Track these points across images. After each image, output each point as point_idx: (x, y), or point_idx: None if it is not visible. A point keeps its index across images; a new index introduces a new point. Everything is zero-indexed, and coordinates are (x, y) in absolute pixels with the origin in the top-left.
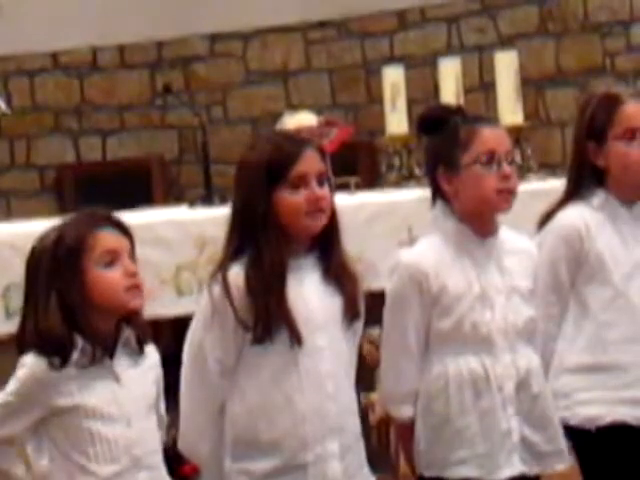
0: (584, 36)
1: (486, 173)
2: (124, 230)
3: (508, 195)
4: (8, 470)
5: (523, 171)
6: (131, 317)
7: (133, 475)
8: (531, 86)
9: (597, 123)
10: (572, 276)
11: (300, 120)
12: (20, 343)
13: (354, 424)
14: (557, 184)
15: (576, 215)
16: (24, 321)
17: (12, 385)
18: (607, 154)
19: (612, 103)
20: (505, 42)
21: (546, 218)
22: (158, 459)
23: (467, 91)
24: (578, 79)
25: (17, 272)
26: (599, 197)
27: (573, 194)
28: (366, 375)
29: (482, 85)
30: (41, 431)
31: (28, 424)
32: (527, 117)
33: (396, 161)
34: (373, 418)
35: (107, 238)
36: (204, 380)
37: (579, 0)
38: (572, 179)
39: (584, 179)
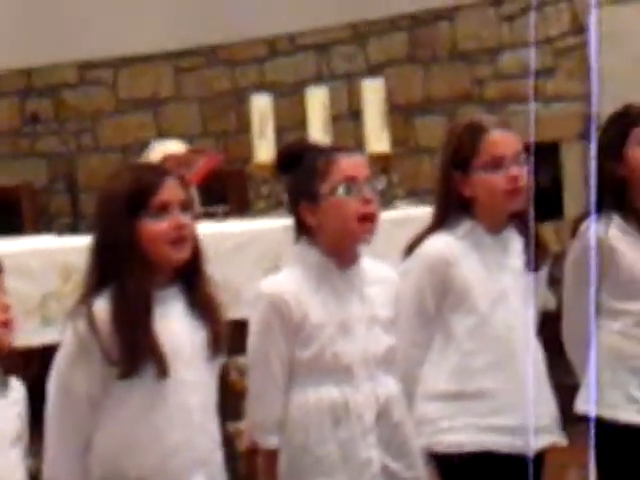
0: (453, 64)
1: (346, 200)
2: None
3: (370, 222)
4: None
5: (389, 198)
6: None
7: None
8: (400, 113)
9: (462, 152)
10: (437, 304)
11: (167, 149)
12: None
13: (219, 456)
14: (425, 212)
15: (442, 244)
16: None
17: None
18: (473, 183)
19: (476, 132)
20: (374, 70)
21: (413, 245)
22: None
23: (335, 119)
24: (447, 107)
25: None
26: (465, 226)
27: (440, 223)
28: (234, 403)
29: (351, 113)
30: None
31: None
32: (396, 144)
33: (264, 189)
34: (241, 446)
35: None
36: (70, 414)
37: (447, 28)
38: (439, 208)
39: (451, 208)
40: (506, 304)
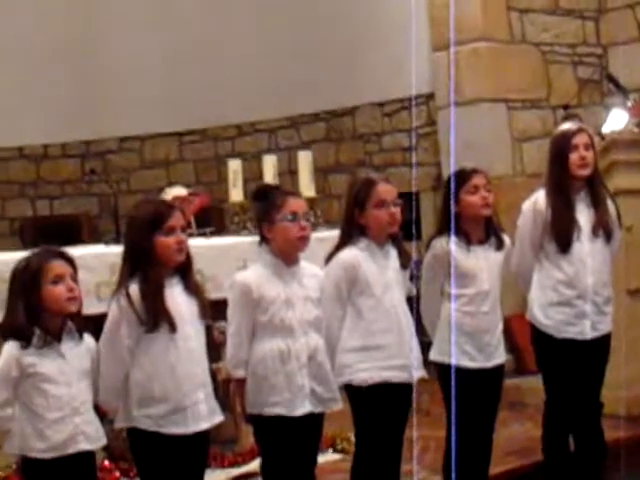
0: (353, 142)
1: (291, 226)
2: (69, 260)
3: (304, 240)
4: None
5: (314, 225)
6: (72, 316)
7: (72, 418)
8: (321, 173)
9: (360, 196)
10: (348, 291)
11: (174, 192)
12: (2, 332)
13: (209, 381)
14: (335, 234)
15: (350, 253)
16: (5, 318)
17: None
18: (366, 216)
19: (369, 184)
20: (305, 145)
21: (330, 255)
22: (89, 407)
23: (280, 175)
24: (349, 169)
25: None
26: (363, 242)
27: (346, 241)
28: (216, 351)
29: (290, 171)
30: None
31: (12, 387)
32: (318, 192)
33: (236, 219)
34: (220, 378)
35: (56, 266)
36: (116, 357)
37: (350, 120)
38: (344, 231)
39: (352, 231)
40: (391, 290)
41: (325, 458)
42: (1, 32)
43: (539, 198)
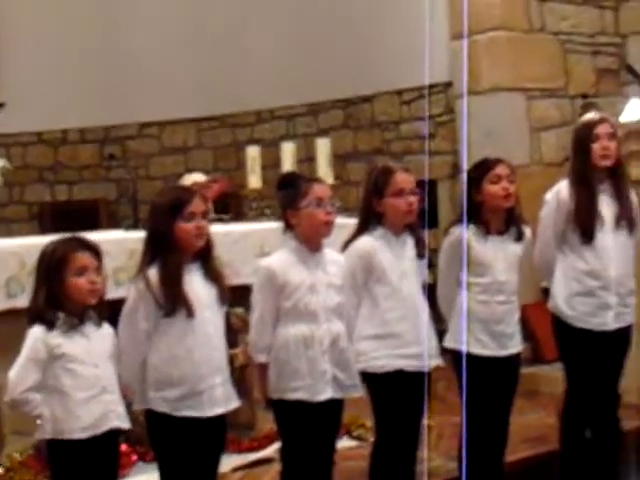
0: (371, 130)
1: (317, 211)
2: (95, 252)
3: (330, 225)
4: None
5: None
6: (92, 305)
7: (101, 397)
8: (339, 160)
9: (378, 185)
10: (365, 279)
11: (194, 178)
12: (28, 317)
13: (226, 366)
14: (352, 221)
15: (366, 241)
16: (30, 302)
17: (26, 347)
18: (384, 205)
19: (387, 172)
20: (323, 133)
21: (347, 243)
22: (116, 388)
23: (299, 163)
24: (367, 156)
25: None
26: (379, 231)
27: (363, 229)
28: (233, 337)
29: (308, 158)
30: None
31: (41, 370)
32: (336, 179)
33: (253, 205)
34: (237, 364)
35: (81, 257)
36: (133, 340)
37: (368, 107)
38: (362, 219)
39: (369, 219)
40: (407, 278)
41: (341, 444)
42: (22, 20)
43: (562, 188)
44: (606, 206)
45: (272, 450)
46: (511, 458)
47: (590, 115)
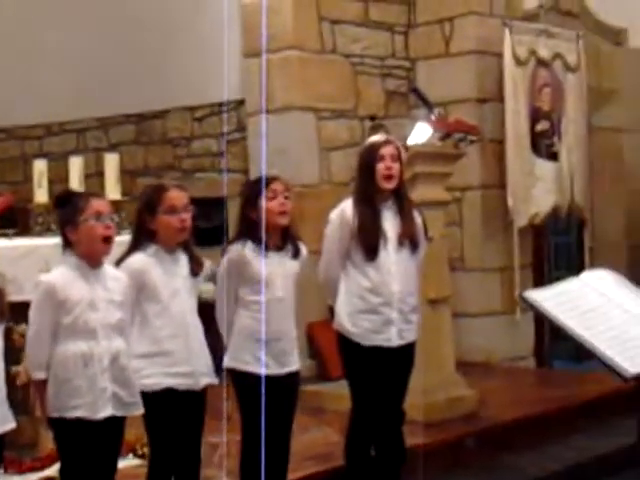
0: (163, 145)
1: (96, 225)
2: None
3: (109, 239)
4: None
5: (120, 227)
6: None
7: None
8: (129, 175)
9: (151, 202)
10: (136, 297)
11: None
12: None
13: (2, 386)
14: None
15: (138, 259)
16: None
17: None
18: (157, 222)
19: (160, 189)
20: (113, 147)
21: (120, 260)
22: None
23: (87, 176)
24: (158, 172)
25: None
26: (152, 248)
27: (136, 246)
28: (16, 355)
29: (97, 173)
30: None
31: None
32: (125, 194)
33: (40, 219)
34: (19, 382)
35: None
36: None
37: (160, 123)
38: (135, 237)
39: (142, 237)
40: (179, 296)
41: (126, 463)
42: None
43: (346, 207)
44: (389, 225)
45: (54, 470)
46: (296, 475)
47: (376, 137)
